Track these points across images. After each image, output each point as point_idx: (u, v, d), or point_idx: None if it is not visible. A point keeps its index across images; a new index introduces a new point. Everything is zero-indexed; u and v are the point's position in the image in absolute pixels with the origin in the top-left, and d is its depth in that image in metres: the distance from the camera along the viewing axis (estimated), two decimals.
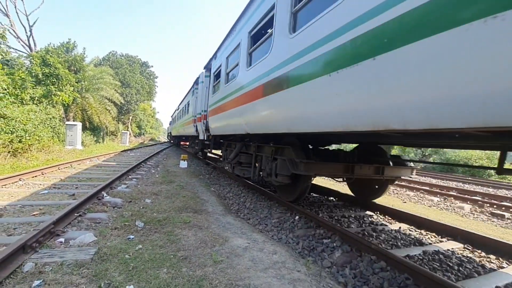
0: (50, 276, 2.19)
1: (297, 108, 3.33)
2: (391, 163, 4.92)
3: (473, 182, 11.12)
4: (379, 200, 5.40)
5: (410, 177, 9.21)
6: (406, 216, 4.61)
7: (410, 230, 4.18)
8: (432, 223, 4.24)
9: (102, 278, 2.20)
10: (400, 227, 4.21)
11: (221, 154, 9.59)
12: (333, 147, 7.07)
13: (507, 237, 4.44)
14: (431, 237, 3.93)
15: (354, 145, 5.79)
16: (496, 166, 2.87)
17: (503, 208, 6.32)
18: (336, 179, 6.14)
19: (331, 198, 6.14)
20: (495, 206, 6.50)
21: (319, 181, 8.82)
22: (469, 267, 2.98)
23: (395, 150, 18.53)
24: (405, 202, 6.89)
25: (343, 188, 7.01)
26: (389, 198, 7.24)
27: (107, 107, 21.76)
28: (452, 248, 3.49)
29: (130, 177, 7.22)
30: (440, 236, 3.94)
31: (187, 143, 20.90)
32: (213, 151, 11.84)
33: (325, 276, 2.55)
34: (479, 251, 3.47)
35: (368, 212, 5.09)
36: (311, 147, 4.98)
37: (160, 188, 6.05)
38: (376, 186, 5.30)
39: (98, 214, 3.80)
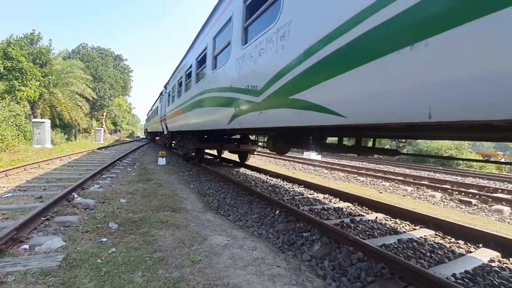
0: (12, 287, 2.02)
1: (192, 120, 7.31)
2: (249, 143, 9.42)
3: (443, 171, 11.73)
4: (360, 193, 5.67)
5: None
6: (382, 206, 4.77)
7: (386, 220, 4.32)
8: (405, 212, 4.41)
9: (71, 286, 2.06)
10: (376, 217, 4.34)
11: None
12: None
13: (474, 222, 4.71)
14: (405, 226, 4.08)
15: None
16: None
17: (470, 195, 6.70)
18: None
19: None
20: (463, 194, 6.88)
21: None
22: (440, 253, 3.12)
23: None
24: (381, 192, 7.12)
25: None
26: (365, 189, 7.46)
27: (78, 102, 20.69)
28: (425, 236, 3.64)
29: (104, 176, 6.90)
30: (413, 224, 4.11)
31: (160, 138, 24.60)
32: (172, 142, 17.83)
33: (304, 269, 2.56)
34: (449, 237, 3.65)
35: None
36: (224, 138, 9.51)
37: (137, 187, 5.83)
38: (246, 155, 10.51)
39: (68, 217, 3.58)
